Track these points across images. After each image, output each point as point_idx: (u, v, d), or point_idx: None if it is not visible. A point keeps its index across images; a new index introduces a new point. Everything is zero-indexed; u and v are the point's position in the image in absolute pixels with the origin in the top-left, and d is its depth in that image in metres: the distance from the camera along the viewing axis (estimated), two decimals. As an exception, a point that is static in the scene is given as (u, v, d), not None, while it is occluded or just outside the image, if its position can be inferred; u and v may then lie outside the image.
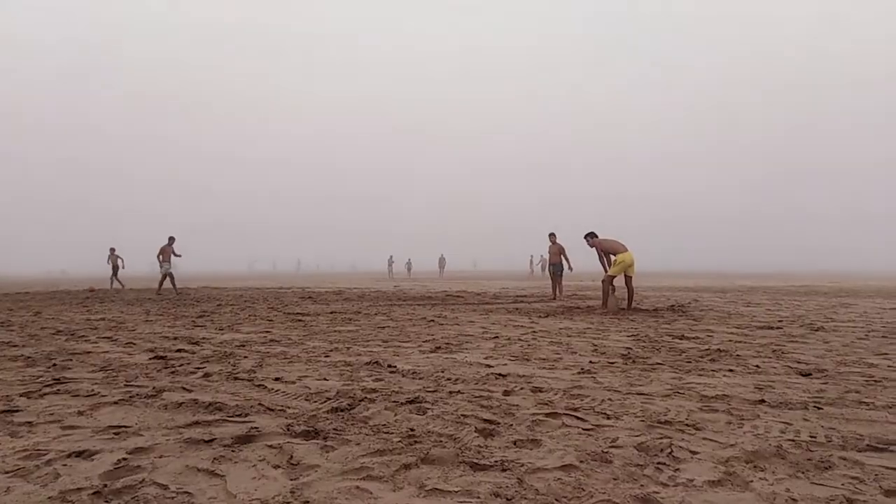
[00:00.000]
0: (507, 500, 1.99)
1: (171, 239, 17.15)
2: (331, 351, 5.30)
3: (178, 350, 5.35)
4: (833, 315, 9.06)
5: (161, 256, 16.96)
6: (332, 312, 9.73)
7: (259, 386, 3.77)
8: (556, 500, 1.99)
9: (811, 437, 2.65)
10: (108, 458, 2.38)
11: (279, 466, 2.32)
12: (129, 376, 4.10)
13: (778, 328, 7.17)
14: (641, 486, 2.09)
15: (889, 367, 4.44)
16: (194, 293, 16.94)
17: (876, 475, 2.16)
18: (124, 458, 2.37)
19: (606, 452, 2.43)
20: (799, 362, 4.64)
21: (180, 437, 2.67)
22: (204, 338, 6.29)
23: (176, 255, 17.24)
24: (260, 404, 3.25)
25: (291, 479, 2.19)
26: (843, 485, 2.08)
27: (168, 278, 16.97)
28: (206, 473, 2.25)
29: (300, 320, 8.32)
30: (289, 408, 3.20)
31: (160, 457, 2.42)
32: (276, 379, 3.99)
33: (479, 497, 2.01)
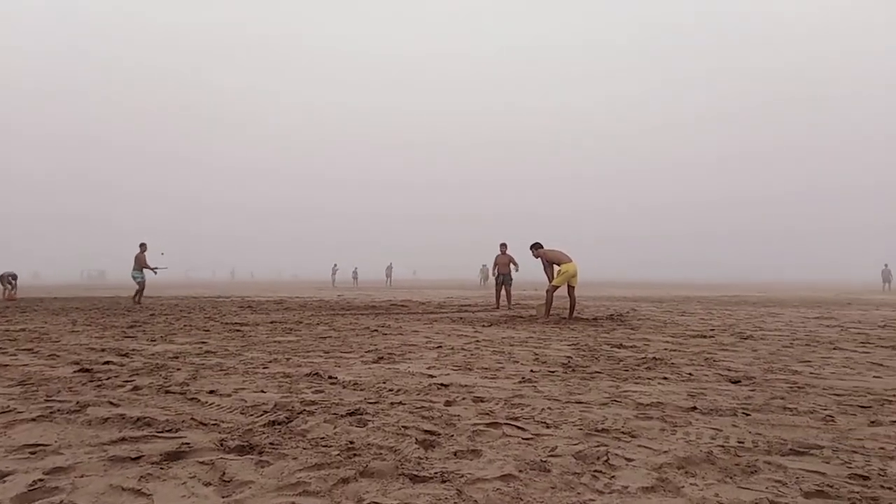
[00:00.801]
0: (446, 512, 1.98)
1: (142, 246, 15.87)
2: (269, 362, 5.17)
3: (106, 362, 5.09)
4: (761, 324, 9.50)
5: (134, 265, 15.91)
6: (272, 322, 9.51)
7: (192, 399, 3.63)
8: (495, 510, 1.99)
9: (739, 442, 2.76)
10: (23, 479, 2.23)
11: (211, 483, 2.23)
12: (51, 391, 3.87)
13: (710, 337, 7.45)
14: (578, 493, 2.12)
15: (811, 373, 4.68)
16: (125, 302, 16.21)
17: (797, 478, 2.27)
18: (40, 479, 2.23)
19: (545, 461, 2.46)
20: (729, 370, 4.83)
21: (105, 454, 2.54)
22: (134, 349, 6.02)
23: (150, 267, 15.83)
24: (192, 419, 3.13)
25: (223, 497, 2.11)
26: (767, 488, 2.17)
27: (138, 286, 15.87)
28: (131, 493, 2.14)
29: (238, 330, 8.08)
30: (223, 422, 3.09)
31: (81, 476, 2.28)
32: (211, 392, 3.85)
33: (417, 510, 1.99)
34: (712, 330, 8.41)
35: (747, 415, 3.29)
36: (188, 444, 2.67)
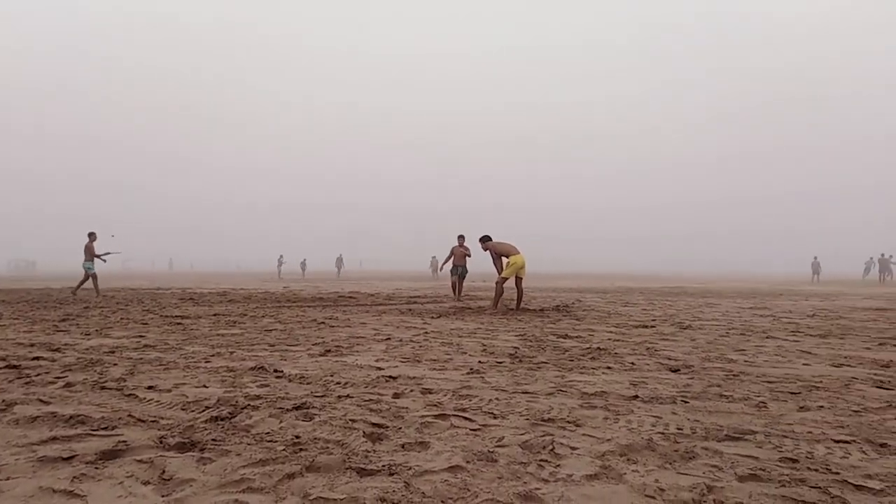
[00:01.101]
0: (394, 505, 1.97)
1: (91, 235, 15.11)
2: (212, 356, 5.03)
3: (35, 358, 4.84)
4: (700, 314, 9.87)
5: (85, 255, 15.09)
6: (215, 315, 9.25)
7: (129, 395, 3.49)
8: (443, 501, 1.99)
9: (678, 429, 2.85)
10: (-58, 483, 2.10)
11: (149, 482, 2.16)
12: (-26, 388, 3.66)
13: (652, 327, 7.69)
14: (524, 483, 2.15)
15: (745, 362, 4.89)
16: (57, 294, 15.46)
17: (732, 463, 2.36)
18: (-38, 483, 2.10)
19: (492, 452, 2.48)
20: (669, 359, 5.00)
21: (34, 455, 2.41)
22: (67, 344, 5.75)
23: (97, 255, 15.01)
24: (130, 415, 3.01)
25: (163, 496, 2.04)
26: (704, 473, 2.25)
27: (91, 279, 14.98)
28: (63, 494, 2.05)
29: (179, 323, 7.82)
30: (162, 418, 2.99)
31: (7, 479, 2.16)
32: (150, 387, 3.72)
33: (364, 503, 1.97)
34: (654, 320, 8.68)
35: (686, 402, 3.41)
36: (125, 441, 2.57)
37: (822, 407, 3.32)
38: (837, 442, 2.65)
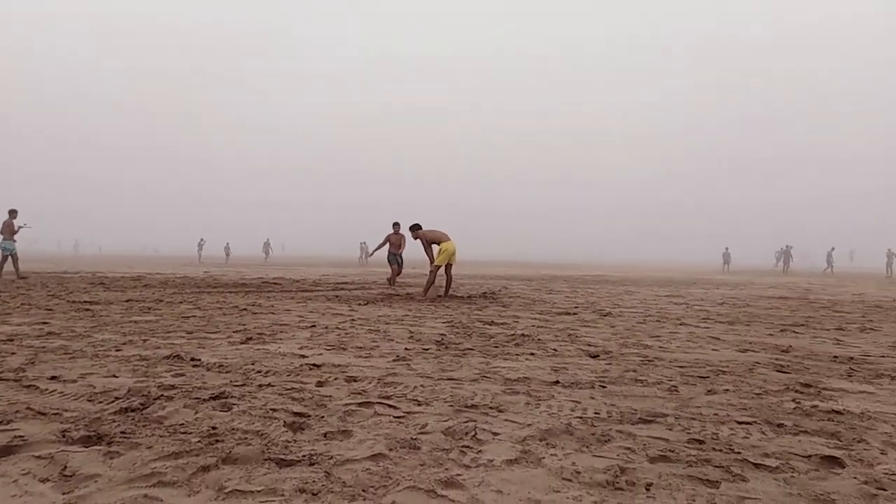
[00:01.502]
0: (313, 494, 1.94)
1: (12, 212, 14.01)
2: (124, 344, 4.77)
3: (-78, 347, 4.44)
4: (619, 302, 10.26)
5: (3, 233, 13.91)
6: (128, 301, 8.78)
7: (29, 387, 3.26)
8: (364, 490, 1.98)
9: (595, 413, 2.95)
10: None
11: (48, 479, 2.02)
12: None
13: (574, 314, 7.93)
14: (446, 469, 2.16)
15: (660, 347, 5.12)
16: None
17: (644, 445, 2.47)
18: None
19: (415, 439, 2.48)
20: (589, 345, 5.17)
21: (-86, 453, 2.21)
22: (-41, 331, 5.30)
23: (15, 231, 14.09)
24: (28, 408, 2.81)
25: (64, 493, 1.92)
26: (617, 455, 2.34)
27: (11, 258, 13.90)
28: (-53, 495, 1.89)
29: (88, 310, 7.37)
30: (66, 410, 2.81)
31: None
32: (52, 378, 3.48)
33: (283, 495, 1.93)
34: (576, 307, 8.95)
35: (604, 387, 3.53)
36: (22, 437, 2.40)
37: (727, 390, 3.52)
38: (740, 423, 2.82)
